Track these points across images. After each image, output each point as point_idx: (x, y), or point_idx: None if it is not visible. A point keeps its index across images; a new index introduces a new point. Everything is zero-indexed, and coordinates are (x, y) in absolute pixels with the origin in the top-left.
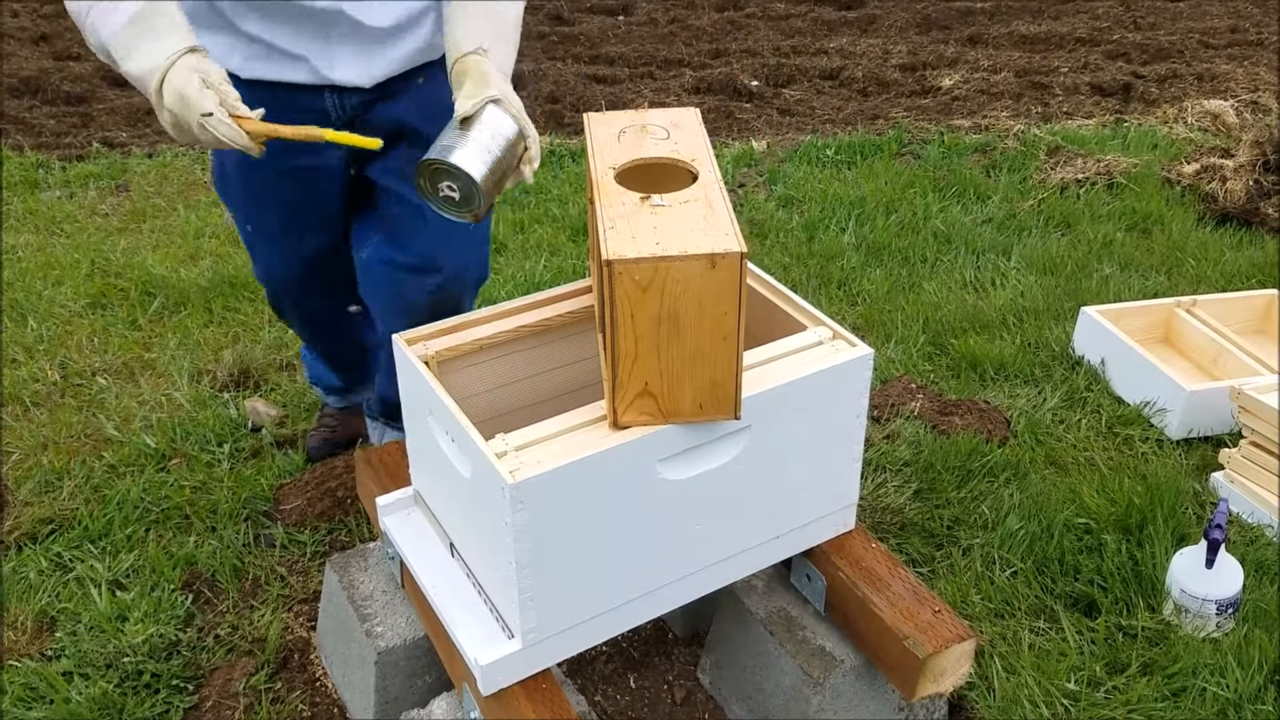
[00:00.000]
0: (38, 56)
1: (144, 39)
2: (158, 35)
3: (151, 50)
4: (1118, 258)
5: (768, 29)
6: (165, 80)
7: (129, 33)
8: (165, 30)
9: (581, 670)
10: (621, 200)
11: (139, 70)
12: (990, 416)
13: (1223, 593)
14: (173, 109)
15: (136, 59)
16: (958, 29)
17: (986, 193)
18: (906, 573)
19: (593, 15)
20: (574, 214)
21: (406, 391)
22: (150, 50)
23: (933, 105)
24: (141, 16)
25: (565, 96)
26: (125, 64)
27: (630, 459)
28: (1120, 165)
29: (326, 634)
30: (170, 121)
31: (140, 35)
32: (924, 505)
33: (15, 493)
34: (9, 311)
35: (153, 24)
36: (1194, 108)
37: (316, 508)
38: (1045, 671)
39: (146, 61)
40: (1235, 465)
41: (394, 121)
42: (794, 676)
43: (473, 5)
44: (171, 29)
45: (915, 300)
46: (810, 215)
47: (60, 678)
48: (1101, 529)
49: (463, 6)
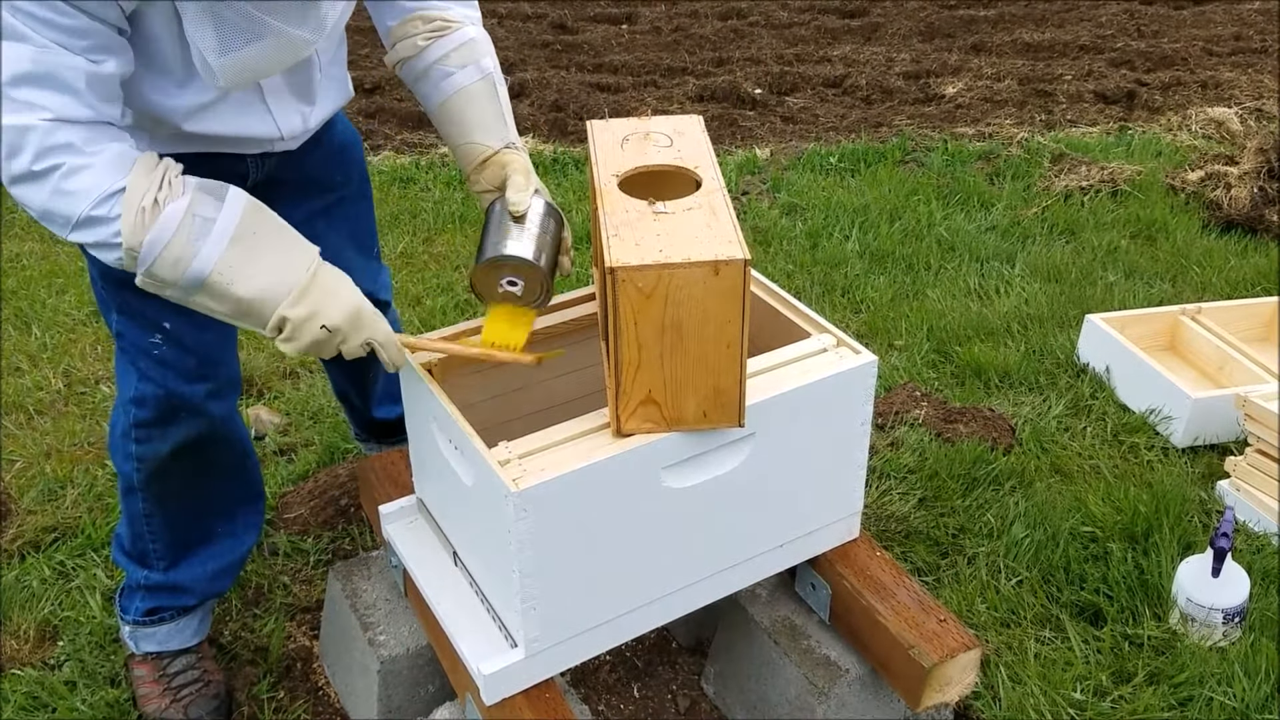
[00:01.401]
0: None
1: (258, 257)
2: (273, 246)
3: (274, 269)
4: (1122, 265)
5: (771, 37)
6: (316, 297)
7: (234, 254)
8: (280, 238)
9: (585, 679)
10: (625, 208)
11: (259, 292)
12: (995, 424)
13: (1229, 601)
14: (338, 325)
15: (250, 282)
16: (961, 37)
17: (990, 200)
18: (912, 581)
19: (596, 24)
20: (577, 222)
21: (409, 399)
22: (271, 269)
23: (936, 113)
24: (246, 230)
25: (569, 104)
26: (236, 289)
27: (634, 467)
28: (1124, 172)
29: (329, 643)
30: (315, 341)
31: (250, 252)
32: (929, 513)
33: (18, 501)
34: (13, 320)
35: (261, 237)
36: (1198, 115)
37: (319, 516)
38: (1051, 681)
39: (272, 281)
40: (1241, 473)
41: (303, 174)
42: (798, 686)
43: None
44: (286, 236)
45: (919, 308)
46: (814, 223)
47: (63, 686)
48: (1107, 537)
49: (470, 96)
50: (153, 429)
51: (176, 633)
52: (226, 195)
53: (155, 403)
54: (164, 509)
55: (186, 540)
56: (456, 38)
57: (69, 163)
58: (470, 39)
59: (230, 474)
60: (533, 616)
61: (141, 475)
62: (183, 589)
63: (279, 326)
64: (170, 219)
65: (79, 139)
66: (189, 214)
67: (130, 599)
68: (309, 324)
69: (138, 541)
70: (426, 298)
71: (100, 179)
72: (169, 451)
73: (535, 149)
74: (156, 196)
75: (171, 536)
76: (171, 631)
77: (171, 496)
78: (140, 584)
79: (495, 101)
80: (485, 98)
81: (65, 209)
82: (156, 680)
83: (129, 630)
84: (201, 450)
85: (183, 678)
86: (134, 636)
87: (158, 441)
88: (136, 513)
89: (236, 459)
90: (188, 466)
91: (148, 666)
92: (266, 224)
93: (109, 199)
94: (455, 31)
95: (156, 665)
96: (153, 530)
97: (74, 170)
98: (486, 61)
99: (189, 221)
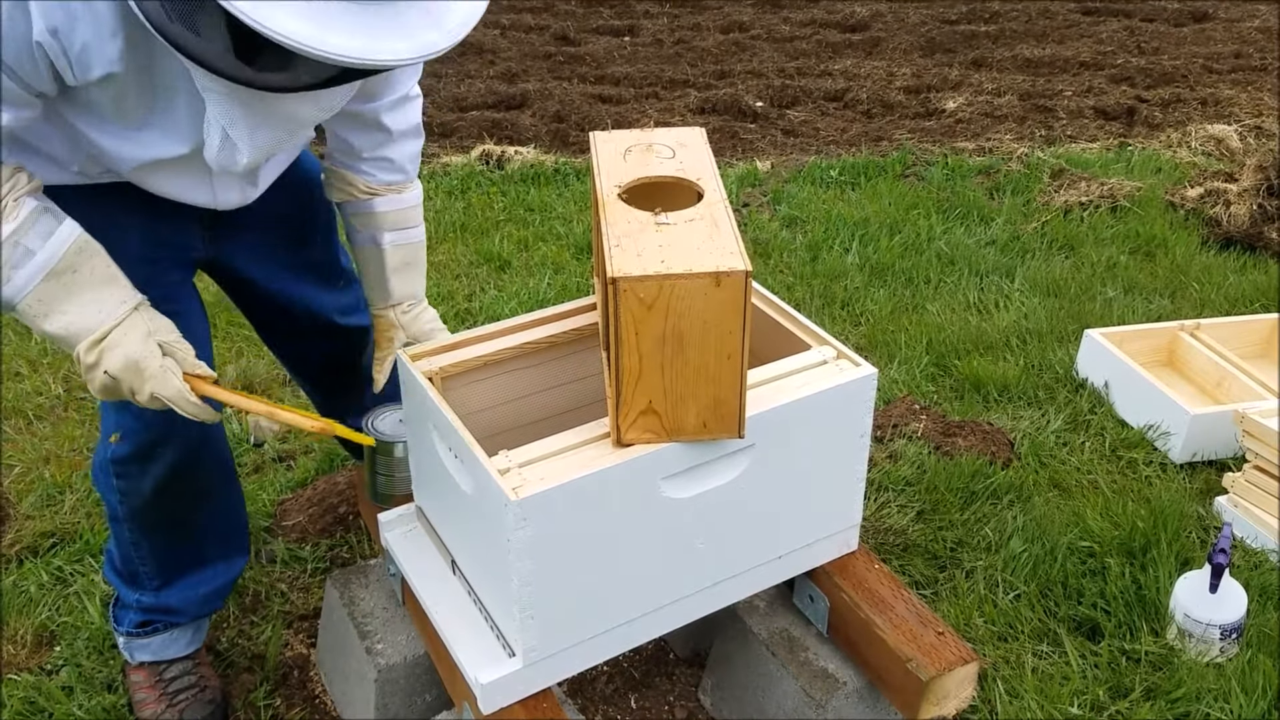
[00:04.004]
0: None
1: (71, 296)
2: (90, 288)
3: (83, 311)
4: (1121, 281)
5: (772, 50)
6: (106, 344)
7: (47, 289)
8: (99, 283)
9: (582, 690)
10: (627, 218)
11: (64, 330)
12: (994, 438)
13: (1226, 617)
14: (118, 375)
15: (59, 318)
16: (962, 52)
17: (990, 215)
18: (910, 594)
19: (599, 36)
20: (578, 232)
21: (410, 407)
22: (80, 311)
23: (937, 127)
24: (65, 268)
25: (571, 116)
26: (43, 323)
27: (633, 477)
28: (1124, 189)
29: (326, 651)
30: (103, 385)
31: (66, 290)
32: (927, 526)
33: (17, 506)
34: (13, 325)
35: (80, 277)
36: (1198, 132)
37: (318, 524)
38: (1048, 695)
39: (78, 321)
40: (1239, 489)
41: (265, 208)
42: (796, 698)
43: (372, 258)
44: (107, 281)
45: (918, 321)
46: (814, 235)
47: (60, 691)
48: (1105, 552)
49: (366, 258)
50: (131, 465)
51: (171, 643)
52: (57, 229)
53: (134, 439)
54: (151, 539)
55: (178, 564)
56: (364, 207)
57: None
58: (374, 213)
59: (216, 498)
60: (531, 626)
61: (125, 508)
62: (175, 610)
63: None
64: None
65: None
66: (11, 240)
67: (123, 612)
68: (95, 370)
69: (128, 563)
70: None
71: None
72: (151, 488)
73: (537, 159)
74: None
75: (162, 561)
76: (166, 642)
77: (160, 526)
78: (133, 603)
79: (381, 271)
80: (374, 263)
81: None
82: (152, 686)
83: (124, 640)
84: (184, 479)
85: (179, 683)
86: (129, 646)
87: (137, 478)
88: (124, 539)
89: (221, 482)
90: (172, 498)
91: (144, 673)
92: (91, 264)
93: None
94: (364, 203)
95: (153, 671)
96: (141, 556)
97: None
98: (383, 236)
99: (10, 249)
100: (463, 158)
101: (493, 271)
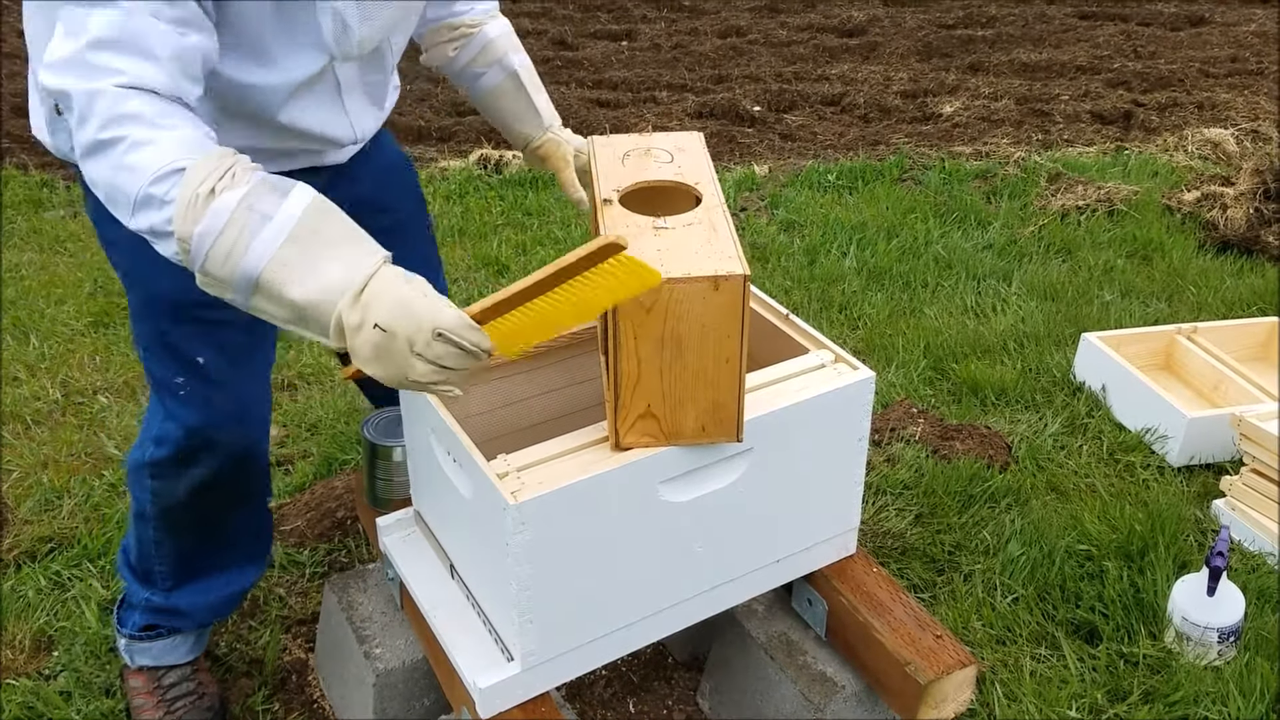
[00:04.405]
0: None
1: (317, 257)
2: (334, 246)
3: (331, 271)
4: (1118, 284)
5: (770, 55)
6: (367, 295)
7: (290, 253)
8: (343, 240)
9: (581, 694)
10: (625, 223)
11: (316, 295)
12: (991, 442)
13: (1224, 621)
14: (389, 323)
15: (309, 282)
16: (959, 56)
17: (987, 219)
18: (908, 598)
19: (596, 40)
20: (576, 237)
21: (408, 411)
22: (329, 271)
23: (934, 132)
24: (305, 229)
25: (569, 120)
26: (290, 292)
27: (632, 480)
28: (1121, 192)
29: (325, 655)
30: (375, 346)
31: (309, 253)
32: (925, 530)
33: (15, 511)
34: (11, 329)
35: (322, 237)
36: (1194, 136)
37: (316, 528)
38: (1046, 698)
39: (329, 283)
40: (1237, 493)
41: (354, 193)
42: (794, 702)
43: (508, 90)
44: (351, 237)
45: (916, 325)
46: (811, 239)
47: (58, 697)
48: (1103, 556)
49: (499, 94)
50: (168, 468)
51: (173, 649)
52: (291, 190)
53: (174, 443)
54: (175, 539)
55: (193, 568)
56: (478, 42)
57: (134, 135)
58: (490, 40)
59: (245, 510)
60: (530, 630)
61: (155, 508)
62: (182, 613)
63: (341, 334)
64: (222, 209)
65: (150, 110)
66: (243, 206)
67: (129, 613)
68: (362, 329)
69: (144, 560)
70: None
71: (163, 155)
72: (184, 492)
73: None
74: (215, 185)
75: (179, 562)
76: (168, 647)
77: (185, 528)
78: (141, 603)
79: (523, 95)
80: (512, 94)
81: (126, 186)
82: (151, 692)
83: (125, 643)
84: (218, 488)
85: (177, 690)
86: (130, 650)
87: (172, 480)
88: (146, 537)
89: (254, 496)
90: (202, 504)
91: (143, 678)
92: (330, 223)
93: (167, 178)
94: (477, 36)
95: (152, 677)
96: (161, 555)
97: (139, 144)
98: (510, 58)
99: (244, 213)
100: (461, 162)
101: (491, 275)
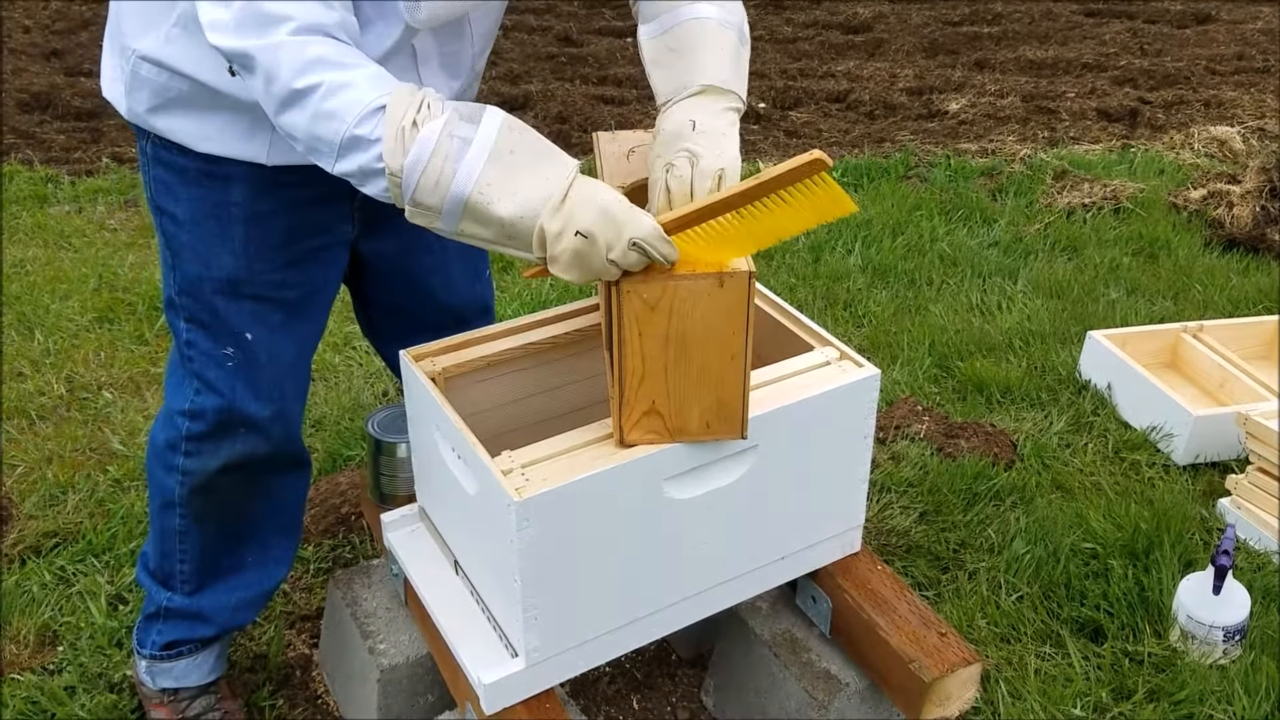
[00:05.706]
0: (48, 72)
1: (518, 173)
2: (532, 161)
3: (533, 183)
4: (1124, 282)
5: (775, 52)
6: (568, 204)
7: (492, 172)
8: (540, 155)
9: (585, 690)
10: None
11: (522, 208)
12: (996, 440)
13: (1230, 619)
14: (591, 228)
15: (514, 198)
16: (965, 53)
17: (993, 216)
18: (913, 596)
19: (601, 36)
20: None
21: (413, 408)
22: (531, 184)
23: (939, 129)
24: (504, 147)
25: (573, 117)
26: (496, 209)
27: (636, 477)
28: (1127, 190)
29: (329, 651)
30: (575, 251)
31: (510, 170)
32: (930, 528)
33: (20, 506)
34: (16, 325)
35: (520, 155)
36: (1201, 134)
37: (320, 524)
38: (1051, 697)
39: (532, 196)
40: (1242, 491)
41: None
42: (798, 699)
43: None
44: (547, 153)
45: (921, 322)
46: (816, 236)
47: (63, 692)
48: (1108, 554)
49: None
50: (205, 443)
51: (194, 668)
52: (483, 115)
53: (214, 415)
54: (201, 527)
55: (216, 565)
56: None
57: (328, 80)
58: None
59: (275, 501)
60: (534, 626)
61: (184, 490)
62: (204, 617)
63: (542, 244)
64: (428, 139)
65: (332, 52)
66: (445, 134)
67: (148, 630)
68: (563, 237)
69: (165, 561)
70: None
71: (361, 95)
72: (218, 468)
73: None
74: (415, 118)
75: (202, 559)
76: (189, 666)
77: (211, 516)
78: (161, 607)
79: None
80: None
81: (329, 132)
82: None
83: (145, 665)
84: (251, 471)
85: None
86: (151, 672)
87: (209, 456)
88: (170, 529)
89: (286, 487)
90: (233, 485)
91: (167, 709)
92: (523, 140)
93: (370, 117)
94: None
95: (176, 707)
96: (184, 549)
97: (335, 88)
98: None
99: (446, 141)
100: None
101: (495, 272)
